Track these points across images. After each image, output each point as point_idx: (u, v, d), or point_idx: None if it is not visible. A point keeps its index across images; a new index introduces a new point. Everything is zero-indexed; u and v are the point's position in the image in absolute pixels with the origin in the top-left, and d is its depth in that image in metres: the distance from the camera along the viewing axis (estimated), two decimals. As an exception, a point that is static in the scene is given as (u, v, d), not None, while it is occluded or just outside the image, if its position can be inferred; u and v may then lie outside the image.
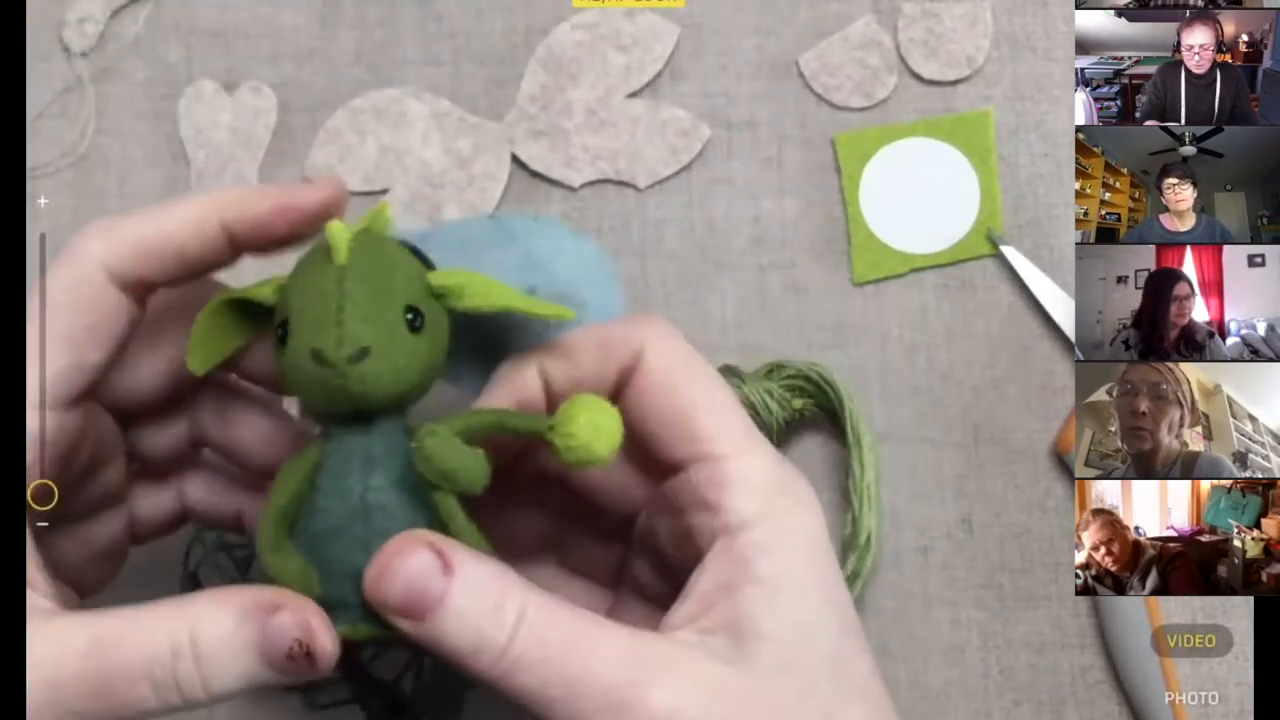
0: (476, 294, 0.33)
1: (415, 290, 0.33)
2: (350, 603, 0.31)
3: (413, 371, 0.32)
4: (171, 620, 0.30)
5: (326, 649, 0.30)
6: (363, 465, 0.32)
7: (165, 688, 0.29)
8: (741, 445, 0.32)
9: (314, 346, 0.31)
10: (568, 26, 0.50)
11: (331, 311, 0.31)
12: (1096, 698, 0.46)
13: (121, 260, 0.32)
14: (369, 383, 0.31)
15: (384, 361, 0.31)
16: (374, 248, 0.33)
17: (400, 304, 0.32)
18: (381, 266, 0.32)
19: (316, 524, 0.32)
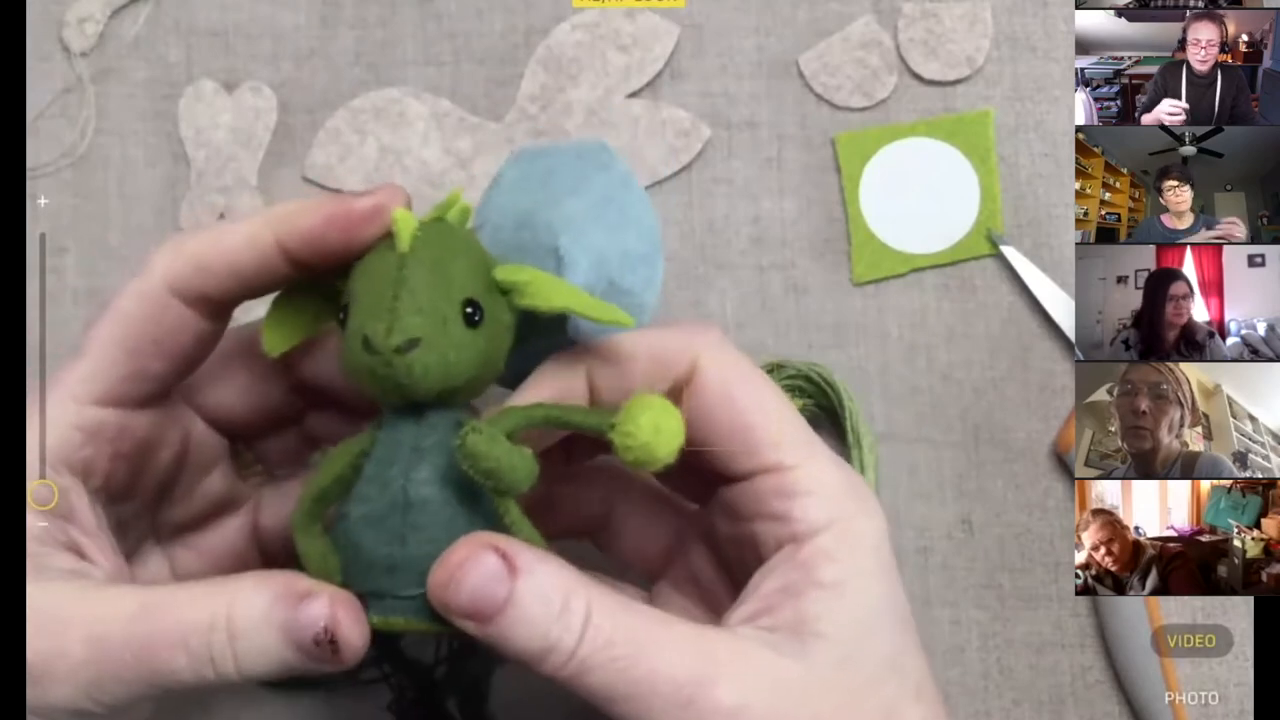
0: (539, 293, 0.33)
1: (477, 283, 0.32)
2: (382, 592, 0.31)
3: (465, 366, 0.32)
4: (213, 596, 0.31)
5: (353, 642, 0.31)
6: (409, 456, 0.32)
7: (200, 659, 0.30)
8: (805, 454, 0.33)
9: (365, 333, 0.31)
10: (568, 26, 0.50)
11: (386, 299, 0.31)
12: (1096, 698, 0.46)
13: (182, 276, 0.33)
14: (416, 374, 0.31)
15: (433, 354, 0.31)
16: (440, 237, 0.32)
17: (458, 297, 0.32)
18: (443, 257, 0.32)
19: (356, 510, 0.32)
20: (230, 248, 0.33)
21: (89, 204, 0.49)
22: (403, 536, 0.31)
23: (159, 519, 0.38)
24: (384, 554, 0.31)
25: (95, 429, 0.33)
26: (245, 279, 0.34)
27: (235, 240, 0.33)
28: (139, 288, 0.33)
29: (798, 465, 0.32)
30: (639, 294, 0.36)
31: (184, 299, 0.34)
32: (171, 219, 0.49)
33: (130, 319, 0.33)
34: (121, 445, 0.34)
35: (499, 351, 0.33)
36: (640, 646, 0.30)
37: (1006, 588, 0.47)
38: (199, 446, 0.37)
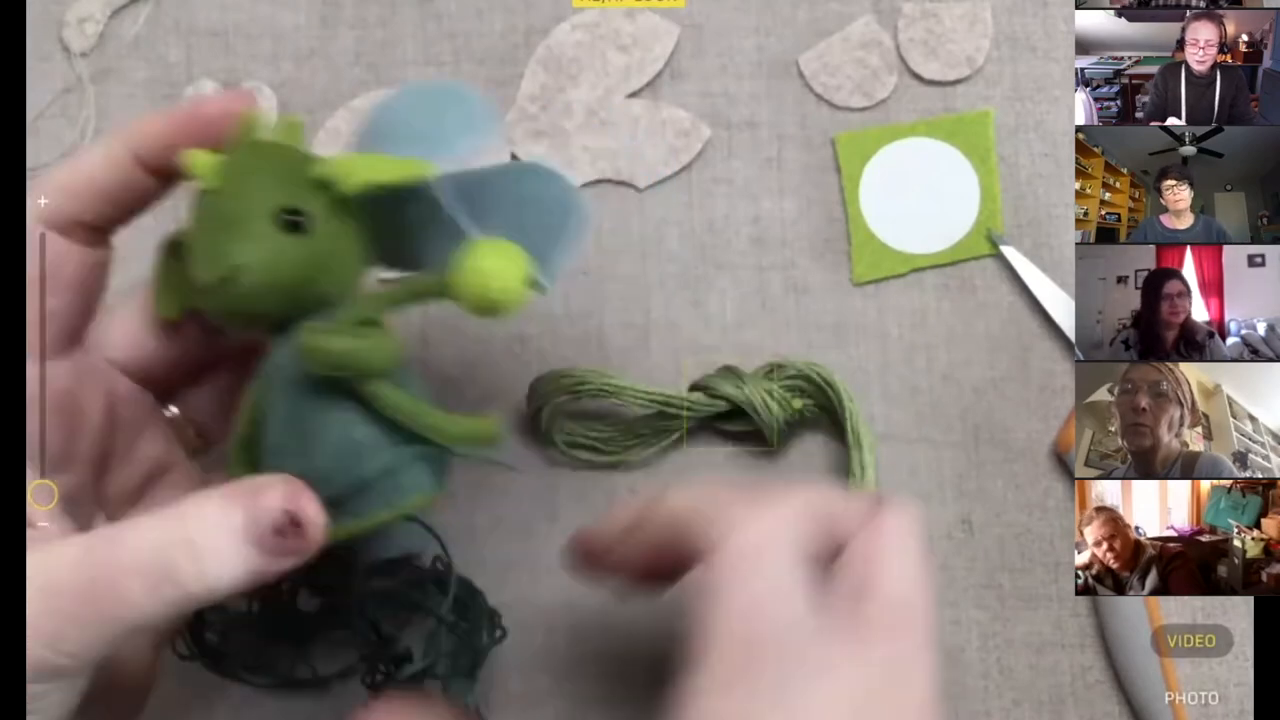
0: (357, 174, 0.32)
1: (293, 190, 0.32)
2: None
3: (301, 273, 0.31)
4: (163, 518, 0.30)
5: (313, 516, 0.31)
6: (288, 377, 0.32)
7: (158, 581, 0.29)
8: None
9: (195, 278, 0.31)
10: (568, 26, 0.50)
11: (200, 237, 0.31)
12: (1096, 698, 0.46)
13: (51, 204, 0.34)
14: (251, 299, 0.31)
15: (261, 274, 0.31)
16: (246, 159, 0.32)
17: (272, 208, 0.31)
18: (250, 176, 0.32)
19: (264, 442, 0.32)
20: (90, 168, 0.34)
21: (89, 204, 0.49)
22: (306, 453, 0.31)
23: (102, 490, 0.37)
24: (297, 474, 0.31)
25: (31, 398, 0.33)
26: (111, 197, 0.34)
27: (93, 161, 0.34)
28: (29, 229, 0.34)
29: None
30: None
31: (59, 229, 0.34)
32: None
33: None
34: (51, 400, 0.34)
35: (347, 247, 0.33)
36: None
37: (1006, 588, 0.47)
38: (126, 404, 0.37)
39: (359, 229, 0.33)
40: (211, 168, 0.32)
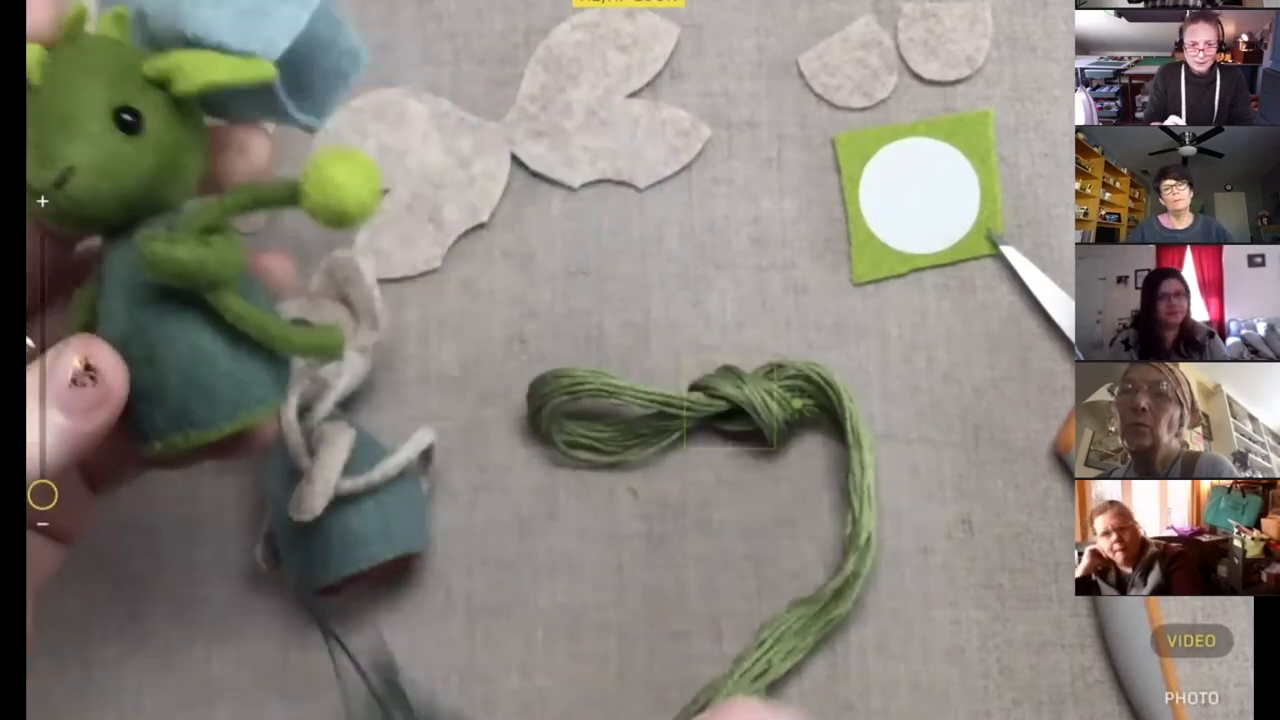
0: (192, 75, 0.31)
1: (126, 88, 0.31)
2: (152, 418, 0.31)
3: (137, 174, 0.31)
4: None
5: (109, 361, 0.30)
6: (126, 282, 0.31)
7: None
8: None
9: (28, 181, 0.30)
10: (568, 26, 0.50)
11: (31, 138, 0.30)
12: (1096, 698, 0.46)
13: None
14: (84, 200, 0.30)
15: (95, 176, 0.30)
16: (74, 57, 0.31)
17: (104, 110, 0.30)
18: (78, 75, 0.31)
19: None
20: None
21: (89, 204, 0.49)
22: (149, 360, 0.31)
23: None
24: (142, 382, 0.31)
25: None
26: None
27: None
28: None
29: None
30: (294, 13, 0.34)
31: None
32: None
33: None
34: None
35: (184, 147, 0.32)
36: None
37: (1006, 588, 0.47)
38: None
39: (195, 127, 0.33)
40: (39, 63, 0.30)
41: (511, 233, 0.50)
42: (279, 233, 0.49)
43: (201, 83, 0.31)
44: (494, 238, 0.50)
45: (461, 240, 0.49)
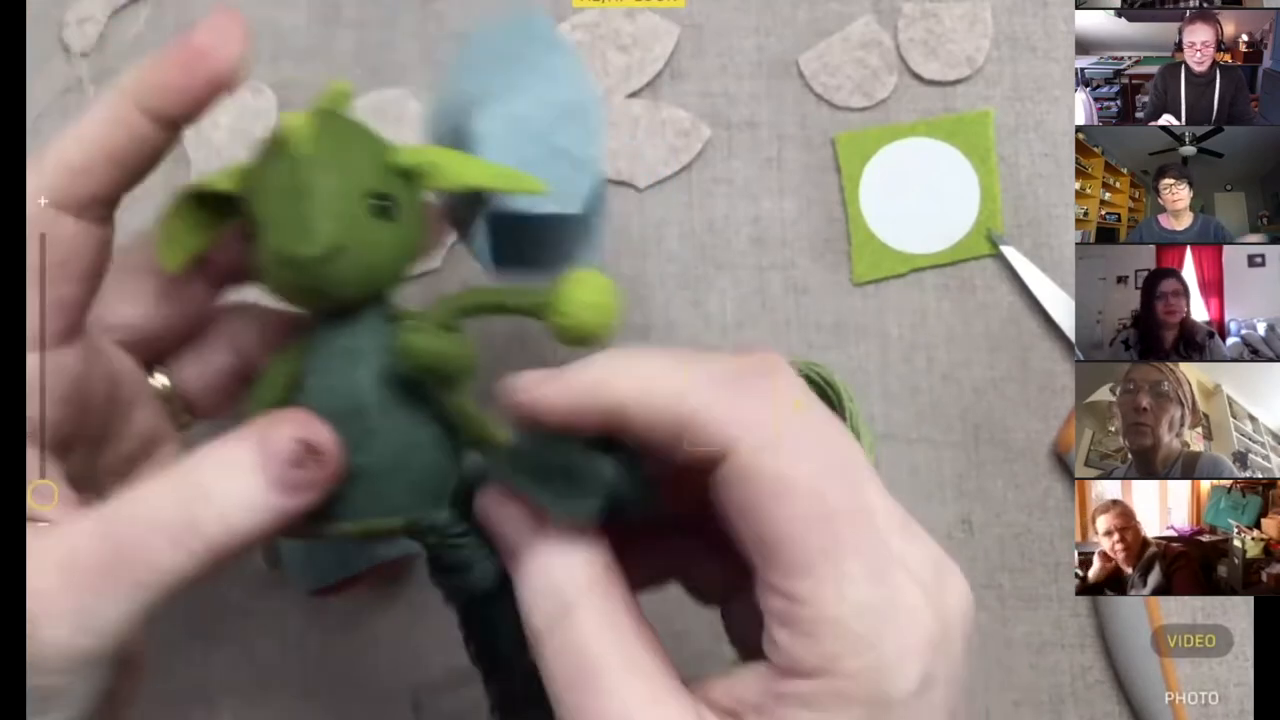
0: (448, 174, 0.32)
1: (381, 174, 0.31)
2: (344, 499, 0.31)
3: (389, 261, 0.31)
4: (173, 474, 0.29)
5: (328, 441, 0.30)
6: (347, 362, 0.31)
7: (182, 537, 0.28)
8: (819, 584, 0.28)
9: (282, 250, 0.30)
10: (568, 26, 0.50)
11: (293, 209, 0.30)
12: (1096, 698, 0.46)
13: (58, 187, 0.32)
14: (342, 281, 0.30)
15: (355, 257, 0.30)
16: (333, 133, 0.31)
17: (365, 191, 0.31)
18: (341, 152, 0.31)
19: None
20: (97, 135, 0.32)
21: (89, 204, 0.49)
22: (358, 443, 0.31)
23: (99, 468, 0.36)
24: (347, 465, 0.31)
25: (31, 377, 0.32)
26: (123, 161, 0.32)
27: (99, 125, 0.32)
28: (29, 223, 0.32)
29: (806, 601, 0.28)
30: (577, 150, 0.36)
31: (69, 210, 0.32)
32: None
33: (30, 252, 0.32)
34: (57, 388, 0.32)
35: (418, 239, 0.32)
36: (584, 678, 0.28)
37: (1006, 588, 0.47)
38: (124, 380, 0.35)
39: (423, 223, 0.33)
40: (305, 135, 0.30)
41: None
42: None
43: (459, 181, 0.32)
44: (494, 238, 0.50)
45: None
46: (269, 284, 0.32)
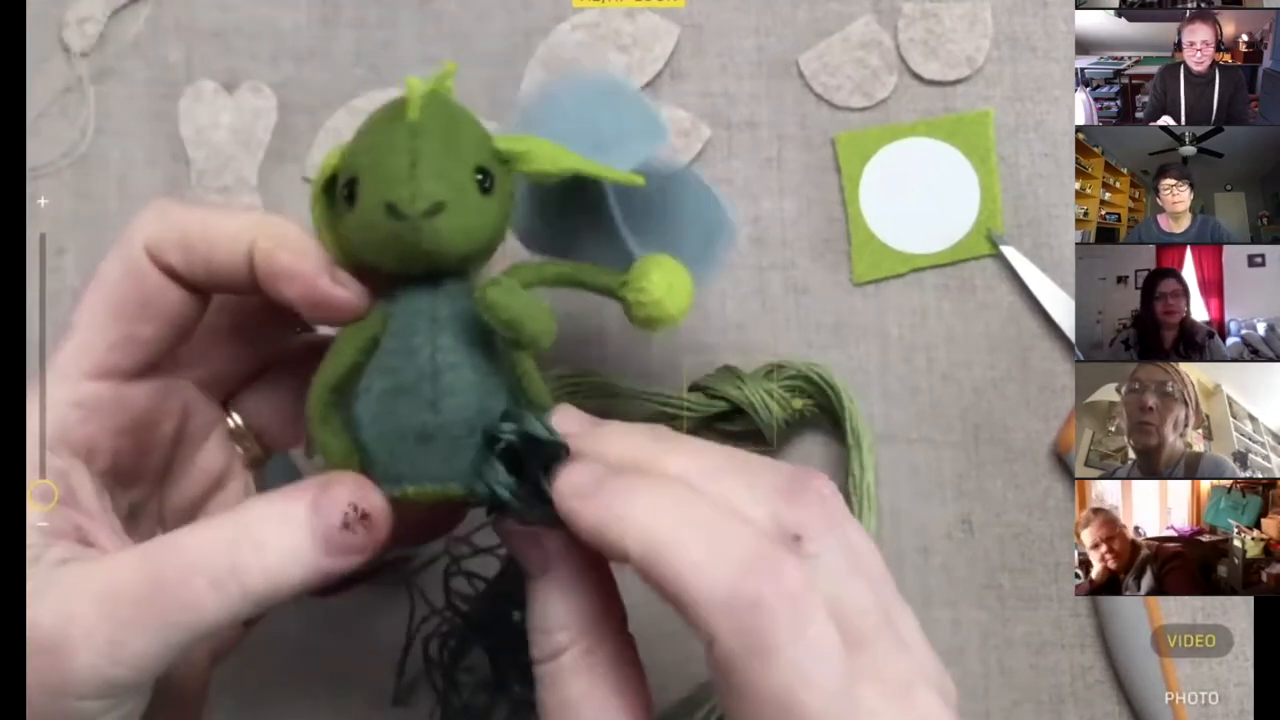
0: (543, 158, 0.33)
1: (483, 152, 0.33)
2: (413, 462, 0.32)
3: (483, 231, 0.32)
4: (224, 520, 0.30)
5: (380, 510, 0.30)
6: (430, 325, 0.32)
7: (223, 581, 0.28)
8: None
9: (388, 200, 0.31)
10: (568, 26, 0.50)
11: (405, 166, 0.31)
12: (1096, 698, 0.46)
13: (162, 247, 0.32)
14: (442, 238, 0.31)
15: (456, 218, 0.31)
16: (443, 108, 0.33)
17: (470, 163, 0.32)
18: (451, 126, 0.32)
19: (380, 384, 0.32)
20: (215, 237, 0.32)
21: (89, 204, 0.49)
22: (434, 403, 0.31)
23: (162, 504, 0.36)
24: (418, 422, 0.31)
25: (93, 404, 0.32)
26: (218, 275, 0.33)
27: (220, 232, 0.32)
28: (120, 253, 0.33)
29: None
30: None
31: (162, 269, 0.32)
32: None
33: (113, 285, 0.32)
34: (121, 420, 0.33)
35: (506, 220, 0.33)
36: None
37: (1006, 588, 0.47)
38: (195, 414, 0.36)
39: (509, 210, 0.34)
40: (421, 103, 0.32)
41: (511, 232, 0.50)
42: (279, 233, 0.49)
43: (549, 167, 0.33)
44: (494, 238, 0.50)
45: (461, 240, 0.50)
46: (364, 244, 0.32)
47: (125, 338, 0.32)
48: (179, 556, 0.29)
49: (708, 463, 0.30)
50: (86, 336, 0.32)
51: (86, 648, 0.28)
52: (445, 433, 0.32)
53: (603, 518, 0.29)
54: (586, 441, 0.31)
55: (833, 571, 0.29)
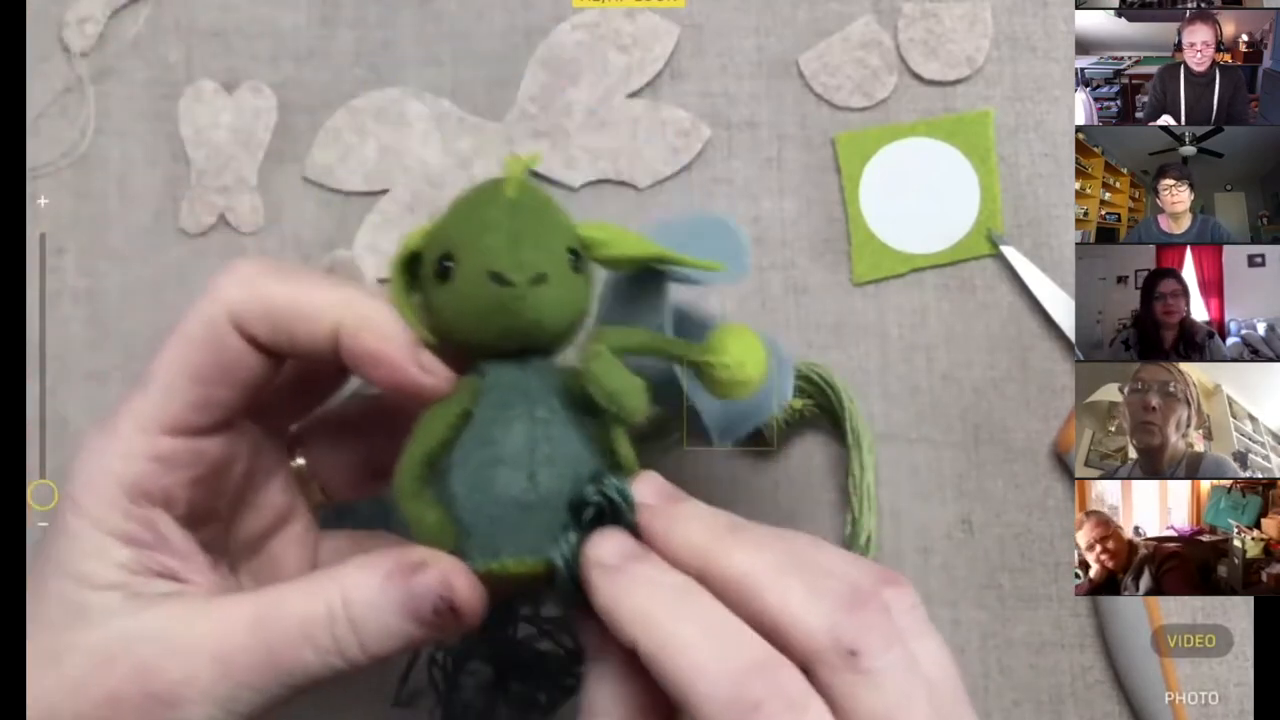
0: (624, 244, 0.34)
1: (571, 234, 0.33)
2: (511, 534, 0.32)
3: (575, 307, 0.33)
4: (324, 587, 0.31)
5: (470, 602, 0.31)
6: (524, 398, 0.33)
7: (325, 650, 0.31)
8: None
9: (493, 269, 0.31)
10: (568, 26, 0.50)
11: (507, 239, 0.32)
12: (1096, 698, 0.46)
13: (245, 315, 0.33)
14: (544, 308, 0.32)
15: (556, 290, 0.32)
16: (533, 189, 0.33)
17: (563, 243, 0.33)
18: (545, 206, 0.33)
19: (479, 456, 0.32)
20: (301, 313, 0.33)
21: (89, 204, 0.49)
22: (533, 475, 0.32)
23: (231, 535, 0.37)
24: (516, 494, 0.32)
25: (170, 459, 0.33)
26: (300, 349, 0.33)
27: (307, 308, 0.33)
28: (203, 314, 0.33)
29: None
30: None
31: (245, 338, 0.33)
32: (171, 219, 0.49)
33: (194, 346, 0.33)
34: (196, 471, 0.34)
35: (589, 303, 0.34)
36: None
37: (1006, 588, 0.47)
38: (261, 454, 0.37)
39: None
40: (521, 183, 0.33)
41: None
42: (278, 232, 0.49)
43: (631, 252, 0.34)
44: (494, 238, 0.50)
45: (461, 240, 0.50)
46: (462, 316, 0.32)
47: (203, 399, 0.33)
48: (287, 626, 0.31)
49: (774, 560, 0.30)
50: (165, 394, 0.33)
51: (203, 703, 0.31)
52: (543, 504, 0.32)
53: (616, 598, 0.30)
54: (657, 517, 0.31)
55: (887, 691, 0.28)
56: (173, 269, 0.49)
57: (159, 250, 0.49)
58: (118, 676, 0.31)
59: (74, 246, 0.49)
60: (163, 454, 0.33)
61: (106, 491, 0.32)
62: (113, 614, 0.31)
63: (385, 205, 0.49)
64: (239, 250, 0.49)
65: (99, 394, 0.48)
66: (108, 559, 0.32)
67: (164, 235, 0.49)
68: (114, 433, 0.33)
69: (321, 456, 0.39)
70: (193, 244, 0.49)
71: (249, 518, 0.37)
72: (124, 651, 0.31)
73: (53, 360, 0.48)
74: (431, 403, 0.33)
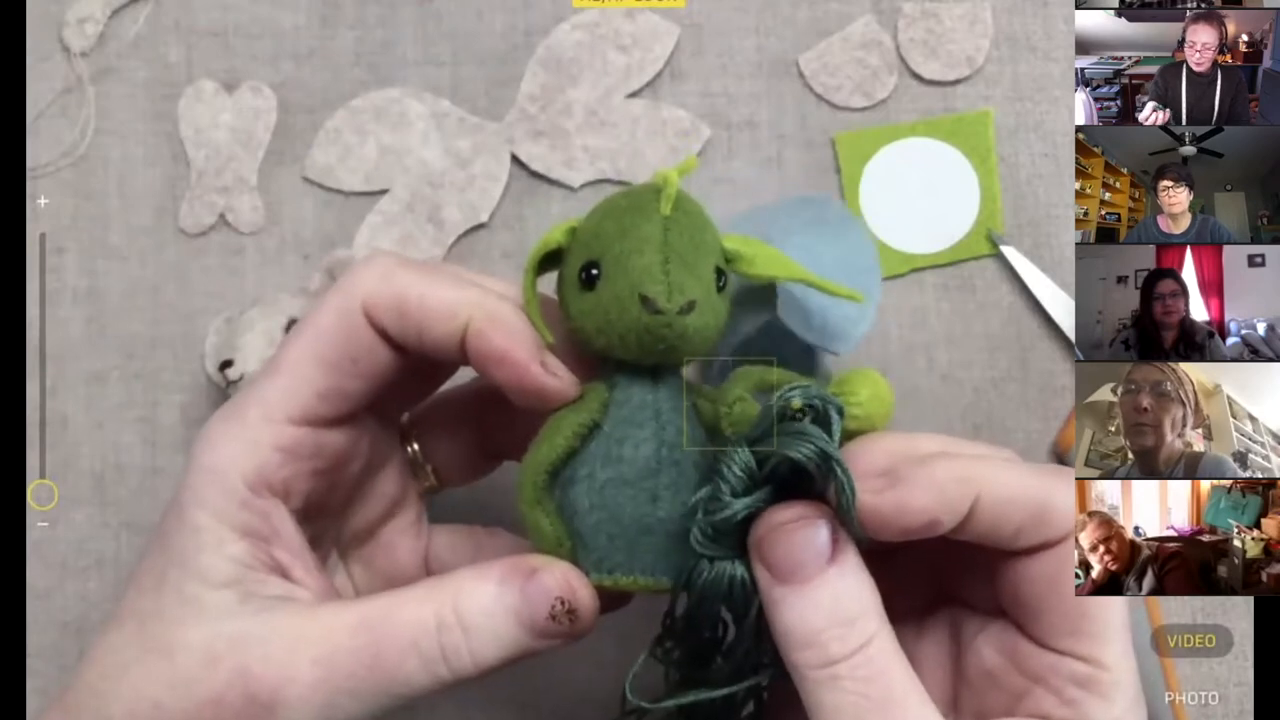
0: (770, 263, 0.34)
1: (718, 252, 0.33)
2: (628, 553, 0.32)
3: (717, 329, 0.33)
4: (435, 595, 0.31)
5: (588, 605, 0.31)
6: (654, 419, 0.33)
7: (432, 660, 0.30)
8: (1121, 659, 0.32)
9: (644, 293, 0.31)
10: (568, 26, 0.50)
11: (659, 261, 0.31)
12: (1096, 698, 0.46)
13: (379, 307, 0.33)
14: (690, 335, 0.32)
15: (704, 317, 0.32)
16: (688, 203, 0.33)
17: (712, 263, 0.33)
18: (696, 224, 0.33)
19: (605, 473, 0.32)
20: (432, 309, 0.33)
21: (89, 204, 0.49)
22: (656, 498, 0.32)
23: (342, 526, 0.37)
24: (638, 515, 0.32)
25: (294, 449, 0.33)
26: (429, 344, 0.33)
27: (438, 304, 0.33)
28: (338, 304, 0.33)
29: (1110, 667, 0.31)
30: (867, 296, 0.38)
31: (376, 329, 0.33)
32: (171, 219, 0.49)
33: (327, 335, 0.33)
34: (319, 463, 0.34)
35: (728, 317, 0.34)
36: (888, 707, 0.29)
37: (1006, 588, 0.47)
38: (377, 444, 0.37)
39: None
40: (676, 200, 0.32)
41: (511, 233, 0.50)
42: (278, 232, 0.49)
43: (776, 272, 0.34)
44: (494, 238, 0.50)
45: (461, 240, 0.50)
46: (605, 328, 0.32)
47: (332, 389, 0.33)
48: (394, 631, 0.31)
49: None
50: (294, 383, 0.33)
51: (302, 706, 0.30)
52: (663, 526, 0.32)
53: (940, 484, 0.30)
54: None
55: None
56: (173, 269, 0.49)
57: (159, 250, 0.49)
58: (222, 678, 0.30)
59: (74, 246, 0.49)
60: (287, 444, 0.33)
61: (228, 481, 0.32)
62: (225, 614, 0.31)
63: (385, 205, 0.49)
64: (239, 250, 0.49)
65: (99, 394, 0.48)
66: (224, 553, 0.31)
67: (164, 235, 0.49)
68: (241, 420, 0.32)
69: (435, 443, 0.39)
70: (193, 244, 0.49)
71: (362, 509, 0.37)
72: (229, 651, 0.30)
73: (53, 360, 0.48)
74: (554, 405, 0.33)
